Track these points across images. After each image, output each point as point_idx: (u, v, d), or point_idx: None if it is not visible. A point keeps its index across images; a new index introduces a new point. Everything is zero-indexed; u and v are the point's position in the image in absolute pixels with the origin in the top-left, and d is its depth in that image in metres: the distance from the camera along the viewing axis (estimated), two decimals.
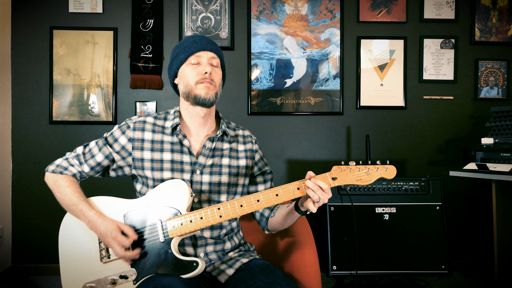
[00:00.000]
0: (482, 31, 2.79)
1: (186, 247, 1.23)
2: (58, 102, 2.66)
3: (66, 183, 1.25)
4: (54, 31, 2.65)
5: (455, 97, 2.80)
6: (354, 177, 1.14)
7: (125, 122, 1.31)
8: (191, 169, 1.26)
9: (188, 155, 1.27)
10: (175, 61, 1.30)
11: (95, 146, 1.30)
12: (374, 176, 1.15)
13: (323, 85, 2.76)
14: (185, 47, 1.28)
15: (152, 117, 1.32)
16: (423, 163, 2.80)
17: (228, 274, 1.21)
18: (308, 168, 2.71)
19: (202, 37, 1.30)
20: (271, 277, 1.14)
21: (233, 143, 1.35)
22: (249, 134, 1.42)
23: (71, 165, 1.30)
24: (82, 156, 1.30)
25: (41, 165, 2.66)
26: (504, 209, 2.31)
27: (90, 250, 1.17)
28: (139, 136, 1.27)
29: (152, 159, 1.25)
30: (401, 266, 2.11)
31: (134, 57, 2.68)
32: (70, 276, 1.16)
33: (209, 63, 1.26)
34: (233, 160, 1.33)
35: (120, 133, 1.29)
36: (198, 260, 1.10)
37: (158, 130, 1.29)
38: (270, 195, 1.15)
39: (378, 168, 1.15)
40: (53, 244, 2.65)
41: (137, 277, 1.12)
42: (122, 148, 1.28)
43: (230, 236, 1.32)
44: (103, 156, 1.29)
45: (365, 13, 2.77)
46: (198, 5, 2.71)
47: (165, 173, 1.24)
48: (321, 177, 1.13)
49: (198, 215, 1.14)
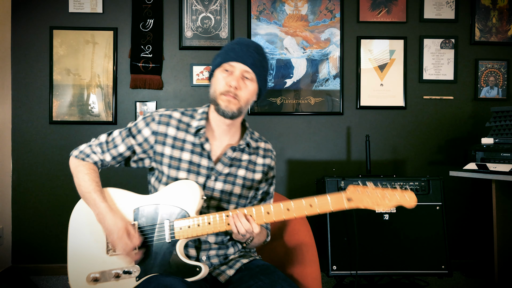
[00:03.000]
0: (482, 31, 2.79)
1: (189, 249, 1.23)
2: (58, 102, 2.66)
3: (86, 170, 1.23)
4: (54, 31, 2.65)
5: (455, 97, 2.80)
6: (371, 201, 1.08)
7: (150, 114, 1.28)
8: (207, 173, 1.25)
9: (206, 159, 1.25)
10: (213, 61, 1.27)
11: (118, 136, 1.27)
12: (392, 202, 1.08)
13: (323, 85, 2.76)
14: (225, 51, 1.23)
15: (179, 113, 1.29)
16: (423, 163, 2.80)
17: (228, 275, 1.21)
18: (308, 168, 2.72)
19: (243, 47, 1.21)
20: (272, 278, 1.14)
21: (253, 155, 1.32)
22: (270, 149, 1.38)
23: (93, 152, 1.27)
24: (105, 144, 1.27)
25: (41, 165, 2.66)
26: (504, 209, 2.31)
27: (98, 241, 1.18)
28: (163, 131, 1.25)
29: (171, 156, 1.24)
30: (401, 266, 2.11)
31: (134, 57, 2.68)
32: (76, 264, 1.17)
33: (241, 76, 1.20)
34: (249, 172, 1.30)
35: (144, 124, 1.26)
36: (201, 265, 1.11)
37: (182, 128, 1.26)
38: (281, 208, 1.12)
39: (398, 194, 1.08)
40: (53, 244, 2.67)
41: (140, 274, 1.13)
42: (145, 140, 1.26)
43: (234, 242, 1.32)
44: (125, 147, 1.26)
45: (365, 13, 2.77)
46: (198, 5, 2.71)
47: (181, 173, 1.23)
48: (335, 197, 1.09)
49: (207, 220, 1.14)
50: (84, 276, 1.15)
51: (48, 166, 2.66)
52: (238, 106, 1.20)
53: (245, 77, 1.21)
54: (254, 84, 1.23)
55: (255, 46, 1.24)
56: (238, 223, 1.10)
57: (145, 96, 2.72)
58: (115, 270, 1.14)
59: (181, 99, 2.73)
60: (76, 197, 1.24)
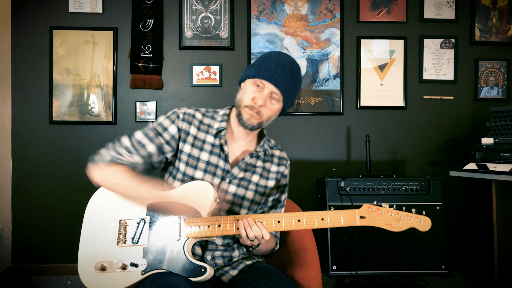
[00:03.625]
0: (482, 31, 2.79)
1: (195, 247, 1.24)
2: (58, 102, 2.66)
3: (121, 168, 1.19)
4: (54, 31, 2.65)
5: (455, 97, 2.80)
6: (383, 221, 1.10)
7: (173, 111, 1.29)
8: (222, 175, 1.27)
9: (223, 161, 1.27)
10: (249, 69, 1.27)
11: (143, 136, 1.24)
12: (406, 224, 1.09)
13: (323, 85, 2.76)
14: (261, 67, 1.23)
15: (200, 114, 1.31)
16: (423, 163, 2.80)
17: (231, 275, 1.23)
18: (308, 168, 2.72)
19: (279, 68, 1.22)
20: (274, 280, 1.15)
21: (267, 163, 1.35)
22: (285, 157, 1.40)
23: (119, 154, 1.21)
24: (132, 146, 1.23)
25: (41, 165, 2.66)
26: (504, 209, 2.31)
27: (110, 231, 1.19)
28: (186, 128, 1.27)
29: (190, 154, 1.26)
30: (401, 266, 2.11)
31: (134, 57, 2.68)
32: (87, 252, 1.19)
33: (269, 95, 1.23)
34: (262, 179, 1.32)
35: (170, 122, 1.27)
36: (207, 266, 1.11)
37: (203, 129, 1.29)
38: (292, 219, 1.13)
39: (412, 217, 1.09)
40: (53, 244, 2.67)
41: (146, 269, 1.14)
42: (172, 137, 1.26)
43: (239, 245, 1.33)
44: (154, 146, 1.24)
45: (365, 13, 2.77)
46: (198, 5, 2.71)
47: (197, 172, 1.25)
48: (348, 213, 1.11)
49: (217, 222, 1.15)
50: (93, 264, 1.16)
51: (48, 166, 2.66)
52: (259, 121, 1.24)
53: (273, 97, 1.23)
54: (279, 104, 1.26)
55: (291, 69, 1.24)
56: (248, 228, 1.12)
57: (145, 96, 2.72)
58: (122, 261, 1.15)
59: (181, 99, 2.73)
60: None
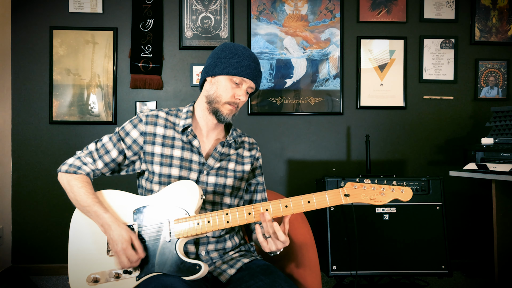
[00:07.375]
0: (482, 31, 2.79)
1: (188, 245, 1.24)
2: (58, 102, 2.66)
3: (80, 184, 1.23)
4: (54, 31, 2.65)
5: (455, 97, 2.80)
6: (367, 196, 1.13)
7: (136, 115, 1.31)
8: (199, 169, 1.28)
9: (197, 155, 1.29)
10: (221, 65, 1.27)
11: (108, 141, 1.28)
12: (388, 196, 1.12)
13: (323, 85, 2.76)
14: (239, 65, 1.25)
15: (164, 112, 1.32)
16: (423, 163, 2.80)
17: (229, 274, 1.22)
18: (308, 168, 2.73)
19: (256, 65, 1.29)
20: (272, 277, 1.15)
21: (239, 149, 1.39)
22: (254, 142, 1.47)
23: (84, 163, 1.26)
24: (96, 152, 1.27)
25: (41, 165, 2.66)
26: (504, 209, 2.31)
27: (99, 241, 1.18)
28: (151, 130, 1.28)
29: (162, 154, 1.27)
30: (401, 266, 2.11)
31: (134, 57, 2.68)
32: (77, 265, 1.17)
33: (246, 90, 1.29)
34: (238, 165, 1.37)
35: (132, 126, 1.29)
36: (201, 263, 1.11)
37: (170, 126, 1.30)
38: (279, 206, 1.14)
39: (394, 189, 1.13)
40: (53, 244, 2.67)
41: (140, 274, 1.13)
42: (134, 141, 1.28)
43: (231, 235, 1.34)
44: (117, 152, 1.27)
45: (365, 13, 2.77)
46: (198, 5, 2.71)
47: (173, 170, 1.26)
48: (333, 193, 1.13)
49: (206, 218, 1.15)
50: (84, 277, 1.15)
51: (48, 166, 2.66)
52: (234, 113, 1.32)
53: (247, 92, 1.31)
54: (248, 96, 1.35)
55: (258, 62, 1.33)
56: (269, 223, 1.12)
57: (145, 96, 2.72)
58: (115, 270, 1.14)
59: (181, 99, 2.73)
60: None
